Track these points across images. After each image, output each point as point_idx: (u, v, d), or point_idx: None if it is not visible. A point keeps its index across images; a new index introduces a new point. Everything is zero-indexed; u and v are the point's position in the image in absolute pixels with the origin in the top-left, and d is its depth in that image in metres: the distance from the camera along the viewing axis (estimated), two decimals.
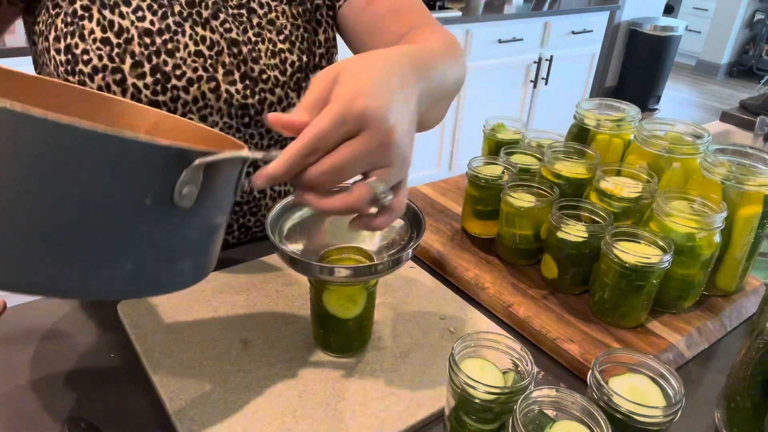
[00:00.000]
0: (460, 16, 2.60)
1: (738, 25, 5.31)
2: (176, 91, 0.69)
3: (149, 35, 0.67)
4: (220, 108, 0.71)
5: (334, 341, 0.63)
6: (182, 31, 0.68)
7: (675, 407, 0.48)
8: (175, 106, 0.69)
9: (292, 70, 0.74)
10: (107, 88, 0.67)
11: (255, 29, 0.72)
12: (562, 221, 0.71)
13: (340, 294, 0.59)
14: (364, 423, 0.56)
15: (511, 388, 0.49)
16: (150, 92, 0.67)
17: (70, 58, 0.66)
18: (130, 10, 0.66)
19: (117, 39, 0.66)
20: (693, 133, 0.79)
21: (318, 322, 0.63)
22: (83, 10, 0.65)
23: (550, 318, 0.70)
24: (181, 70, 0.68)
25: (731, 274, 0.74)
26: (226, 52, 0.70)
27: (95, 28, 0.65)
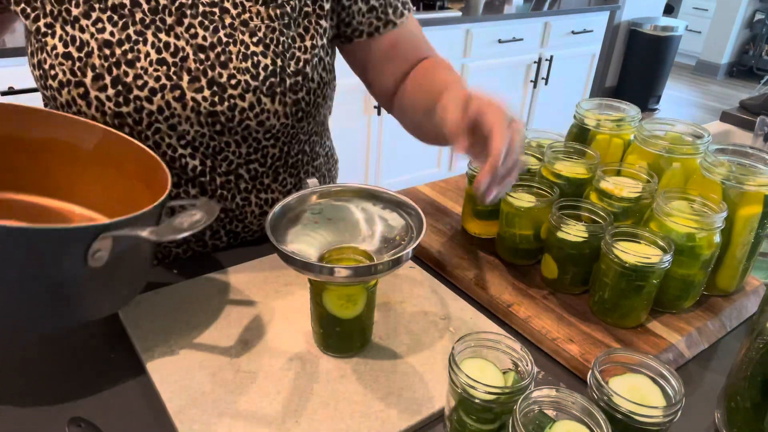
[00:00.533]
0: (460, 16, 2.60)
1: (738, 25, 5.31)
2: (139, 101, 0.67)
3: (109, 47, 0.66)
4: (188, 116, 0.69)
5: (334, 341, 0.63)
6: (143, 39, 0.67)
7: (675, 407, 0.48)
8: (140, 117, 0.68)
9: (265, 74, 0.71)
10: (74, 102, 0.67)
11: (226, 29, 0.70)
12: (562, 221, 0.71)
13: (340, 294, 0.59)
14: (364, 423, 0.56)
15: (511, 388, 0.49)
16: (113, 104, 0.67)
17: (41, 74, 0.68)
18: (90, 23, 0.66)
19: (78, 53, 0.66)
20: (693, 133, 0.79)
21: (318, 322, 0.63)
22: (46, 27, 0.67)
23: (550, 318, 0.70)
24: (142, 80, 0.67)
25: (731, 274, 0.74)
26: (191, 59, 0.68)
27: (57, 43, 0.66)
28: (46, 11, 0.66)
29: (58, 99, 0.68)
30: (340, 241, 0.63)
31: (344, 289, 0.59)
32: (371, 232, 0.64)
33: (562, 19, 3.06)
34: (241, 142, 0.75)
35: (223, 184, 0.77)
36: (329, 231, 0.64)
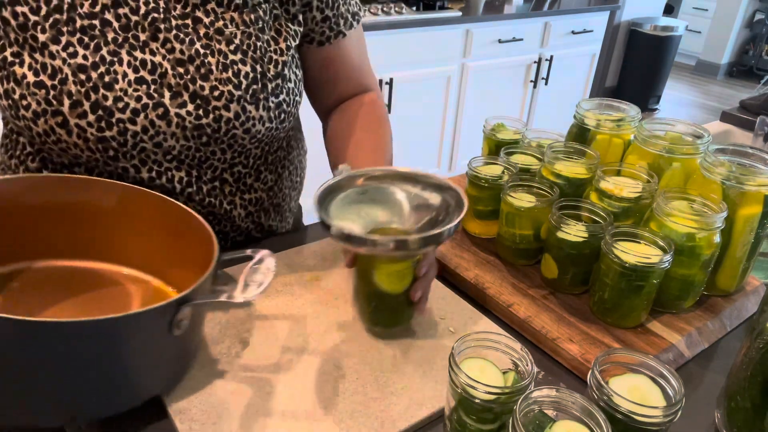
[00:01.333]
0: (460, 16, 2.60)
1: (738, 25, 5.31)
2: (122, 124, 0.65)
3: (83, 71, 0.63)
4: (173, 132, 0.68)
5: (385, 316, 0.66)
6: (119, 59, 0.64)
7: (675, 407, 0.48)
8: (125, 139, 0.66)
9: (247, 83, 0.70)
10: (52, 132, 0.64)
11: (203, 41, 0.68)
12: (562, 221, 0.71)
13: (390, 270, 0.62)
14: (364, 423, 0.56)
15: (511, 388, 0.49)
16: (95, 129, 0.64)
17: (11, 104, 0.64)
18: (60, 48, 0.62)
19: (51, 81, 0.63)
20: (693, 133, 0.79)
21: (367, 300, 0.65)
22: (13, 56, 0.63)
23: (550, 318, 0.70)
24: (123, 102, 0.64)
25: (731, 274, 0.74)
26: (170, 74, 0.66)
27: (27, 72, 0.63)
28: (11, 40, 0.62)
29: (34, 129, 0.65)
30: (384, 222, 0.65)
31: (394, 265, 0.61)
32: (413, 212, 0.66)
33: (562, 19, 3.06)
34: (226, 149, 0.74)
35: (209, 192, 0.76)
36: (373, 211, 0.66)
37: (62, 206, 0.66)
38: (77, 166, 0.70)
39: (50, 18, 0.62)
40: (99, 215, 0.67)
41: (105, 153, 0.67)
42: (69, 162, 0.70)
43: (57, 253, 0.68)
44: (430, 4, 2.57)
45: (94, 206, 0.67)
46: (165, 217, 0.66)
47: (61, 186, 0.65)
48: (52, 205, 0.65)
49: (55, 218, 0.66)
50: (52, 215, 0.66)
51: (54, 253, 0.68)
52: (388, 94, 2.48)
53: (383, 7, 2.42)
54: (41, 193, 0.64)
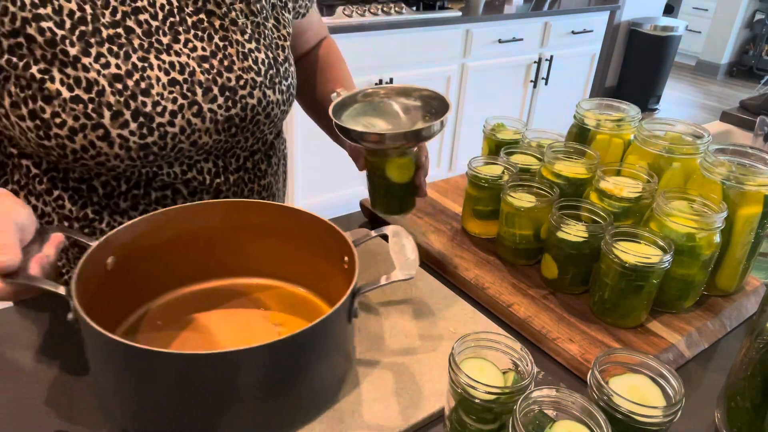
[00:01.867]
0: (460, 16, 2.60)
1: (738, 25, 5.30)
2: (162, 128, 0.65)
3: (119, 80, 0.62)
4: (207, 128, 0.69)
5: (395, 204, 0.80)
6: (149, 65, 0.64)
7: (675, 407, 0.48)
8: (165, 142, 0.66)
9: (265, 69, 0.73)
10: (92, 146, 0.63)
11: (220, 33, 0.70)
12: (562, 221, 0.71)
13: (398, 164, 0.75)
14: (364, 423, 0.56)
15: (511, 388, 0.49)
16: (137, 137, 0.64)
17: (39, 124, 0.62)
18: (92, 60, 0.61)
19: (88, 94, 0.61)
20: (693, 133, 0.79)
21: (384, 193, 0.79)
22: (41, 73, 0.60)
23: (550, 318, 0.70)
24: (161, 106, 0.65)
25: (731, 274, 0.74)
26: (198, 71, 0.68)
27: (60, 88, 0.61)
28: (36, 57, 0.60)
29: (69, 146, 0.63)
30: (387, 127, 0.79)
31: (399, 159, 0.75)
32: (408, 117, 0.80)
33: (562, 19, 3.06)
34: (249, 137, 0.76)
35: (235, 181, 0.78)
36: (377, 120, 0.80)
37: (173, 237, 0.67)
38: (96, 178, 0.69)
39: (76, 31, 0.61)
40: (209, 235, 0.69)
41: (145, 159, 0.66)
42: (88, 176, 0.69)
43: (183, 280, 0.70)
44: (430, 4, 2.57)
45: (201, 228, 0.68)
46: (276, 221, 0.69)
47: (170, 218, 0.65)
48: (166, 239, 0.66)
49: (172, 249, 0.67)
50: (168, 248, 0.67)
51: (179, 282, 0.70)
52: None
53: (383, 7, 2.42)
54: (157, 230, 0.65)
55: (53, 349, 0.63)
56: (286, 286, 0.72)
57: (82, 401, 0.57)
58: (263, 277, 0.73)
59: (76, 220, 0.71)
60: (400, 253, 0.61)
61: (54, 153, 0.64)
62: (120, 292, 0.62)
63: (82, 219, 0.71)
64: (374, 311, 0.71)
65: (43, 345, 0.64)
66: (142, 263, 0.64)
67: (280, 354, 0.50)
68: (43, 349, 0.63)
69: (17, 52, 0.60)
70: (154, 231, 0.63)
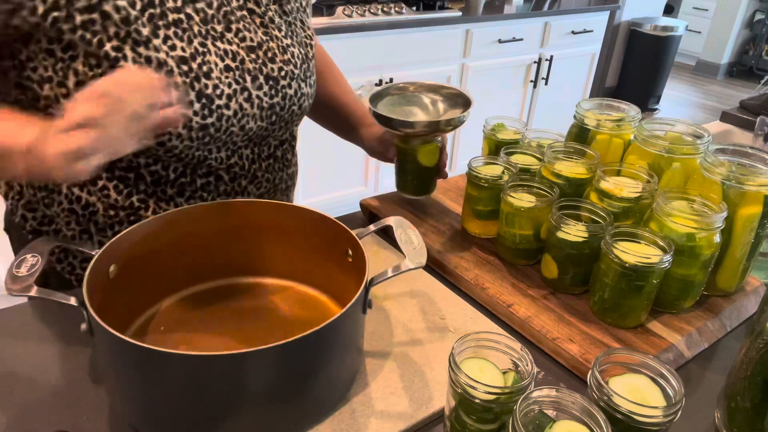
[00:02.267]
0: (460, 16, 2.60)
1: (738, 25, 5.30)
2: (220, 110, 0.68)
3: (185, 62, 0.65)
4: (254, 114, 0.72)
5: (424, 186, 0.94)
6: (208, 50, 0.68)
7: (675, 407, 0.48)
8: (221, 124, 0.69)
9: (300, 62, 0.78)
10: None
11: (261, 29, 0.74)
12: (562, 221, 0.71)
13: (428, 150, 0.89)
14: (364, 423, 0.56)
15: (511, 388, 0.49)
16: (200, 118, 0.67)
17: None
18: (160, 42, 0.64)
19: (158, 73, 0.63)
20: (693, 133, 0.78)
21: (416, 175, 0.92)
22: (115, 51, 0.62)
23: (550, 318, 0.70)
24: (219, 89, 0.68)
25: (731, 274, 0.74)
26: (247, 60, 0.71)
27: (132, 66, 0.62)
28: (110, 34, 0.61)
29: None
30: (424, 117, 0.92)
31: (429, 146, 0.88)
32: (437, 110, 0.93)
33: (562, 19, 3.06)
34: (283, 126, 0.79)
35: (267, 168, 0.80)
36: (410, 109, 0.93)
37: (173, 241, 0.67)
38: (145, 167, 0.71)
39: (146, 12, 0.63)
40: (208, 237, 0.69)
41: (201, 140, 0.69)
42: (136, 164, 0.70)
43: (186, 283, 0.71)
44: (430, 4, 2.57)
45: (200, 230, 0.68)
46: (275, 219, 0.69)
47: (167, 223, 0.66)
48: (166, 244, 0.66)
49: (172, 253, 0.67)
50: (169, 252, 0.67)
51: (183, 284, 0.70)
52: None
53: (383, 7, 2.42)
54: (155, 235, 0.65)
55: (53, 349, 0.63)
56: (289, 283, 0.73)
57: (83, 401, 0.57)
58: (265, 276, 0.73)
59: (122, 209, 0.72)
60: (407, 243, 0.62)
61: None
62: (125, 298, 0.62)
63: (128, 207, 0.73)
64: (374, 311, 0.71)
65: (43, 345, 0.64)
66: (143, 269, 0.64)
67: (299, 352, 0.50)
68: (44, 349, 0.63)
69: (90, 28, 0.61)
70: (152, 237, 0.64)
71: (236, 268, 0.72)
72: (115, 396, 0.55)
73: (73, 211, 0.73)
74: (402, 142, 0.89)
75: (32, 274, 0.53)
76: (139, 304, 0.66)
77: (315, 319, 0.66)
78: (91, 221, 0.73)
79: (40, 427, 0.54)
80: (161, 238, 0.65)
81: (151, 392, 0.51)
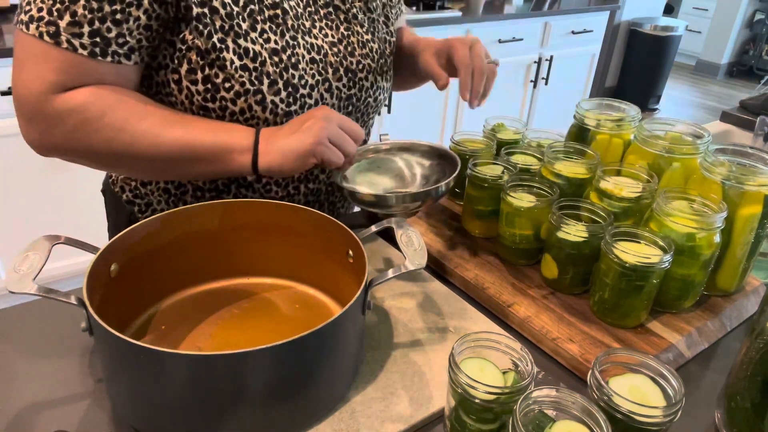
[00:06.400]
0: (460, 16, 2.60)
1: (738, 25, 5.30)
2: (303, 99, 0.75)
3: (276, 54, 0.71)
4: (333, 104, 0.79)
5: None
6: (297, 43, 0.74)
7: (675, 407, 0.48)
8: (303, 112, 0.74)
9: (378, 57, 0.84)
10: (249, 110, 0.71)
11: (344, 24, 0.80)
12: (562, 221, 0.71)
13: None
14: (364, 423, 0.56)
15: (511, 388, 0.49)
16: (285, 105, 0.73)
17: (209, 87, 0.70)
18: (257, 35, 0.70)
19: (253, 63, 0.70)
20: (693, 133, 0.79)
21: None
22: (220, 42, 0.68)
23: (550, 318, 0.70)
24: (304, 80, 0.74)
25: (731, 274, 0.74)
26: (329, 53, 0.78)
27: (233, 57, 0.69)
28: (216, 27, 0.68)
29: (229, 108, 0.71)
30: (390, 186, 0.84)
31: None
32: (413, 176, 0.86)
33: (562, 19, 3.06)
34: (359, 118, 0.86)
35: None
36: (381, 177, 0.85)
37: (173, 241, 0.67)
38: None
39: (247, 8, 0.70)
40: (209, 237, 0.69)
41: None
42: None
43: (187, 282, 0.71)
44: (430, 4, 2.57)
45: (200, 230, 0.68)
46: (275, 219, 0.69)
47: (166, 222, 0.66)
48: (166, 243, 0.66)
49: (173, 252, 0.67)
50: (169, 252, 0.67)
51: (183, 284, 0.70)
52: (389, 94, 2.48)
53: None
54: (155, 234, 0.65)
55: (54, 349, 0.63)
56: (289, 283, 0.73)
57: (83, 401, 0.57)
58: (265, 276, 0.73)
59: (208, 191, 0.80)
60: (408, 245, 0.62)
61: (212, 115, 0.72)
62: (126, 297, 0.62)
63: (213, 190, 0.80)
64: (374, 311, 0.71)
65: (43, 345, 0.64)
66: (144, 268, 0.64)
67: (298, 352, 0.50)
68: (44, 349, 0.63)
69: (203, 21, 0.67)
70: (152, 236, 0.64)
71: (236, 267, 0.72)
72: (115, 396, 0.55)
73: (167, 191, 0.81)
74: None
75: (33, 272, 0.53)
76: (140, 304, 0.66)
77: (315, 319, 0.66)
78: (181, 200, 0.81)
79: (40, 427, 0.54)
80: (162, 237, 0.65)
81: (151, 392, 0.51)
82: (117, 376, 0.53)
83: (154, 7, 0.65)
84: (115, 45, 0.64)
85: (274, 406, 0.52)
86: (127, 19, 0.63)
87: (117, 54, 0.65)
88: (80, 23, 0.62)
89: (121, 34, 0.64)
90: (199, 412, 0.50)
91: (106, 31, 0.63)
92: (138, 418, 0.54)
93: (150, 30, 0.66)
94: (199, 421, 0.51)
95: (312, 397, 0.54)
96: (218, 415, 0.50)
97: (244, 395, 0.50)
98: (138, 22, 0.64)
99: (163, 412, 0.52)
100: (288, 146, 0.68)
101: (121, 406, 0.55)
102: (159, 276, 0.67)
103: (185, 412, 0.51)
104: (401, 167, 0.86)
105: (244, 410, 0.51)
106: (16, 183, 1.79)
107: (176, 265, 0.68)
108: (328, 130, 0.69)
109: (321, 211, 0.88)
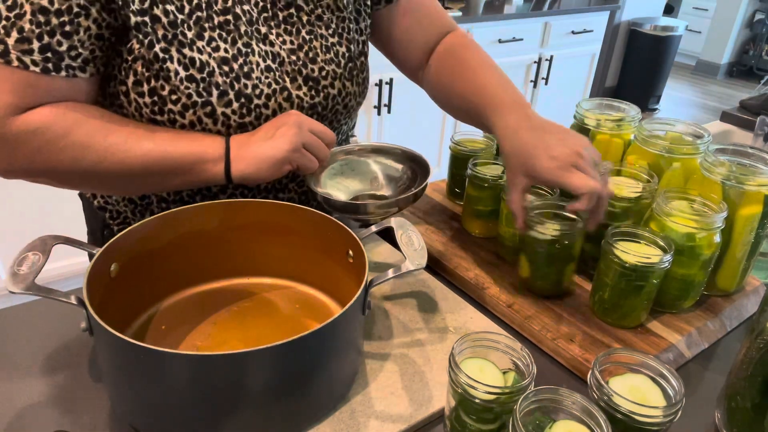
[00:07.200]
0: (460, 16, 2.60)
1: (738, 25, 5.30)
2: (258, 109, 0.71)
3: (226, 63, 0.68)
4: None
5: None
6: (251, 51, 0.70)
7: (675, 407, 0.48)
8: (259, 123, 0.71)
9: (345, 61, 0.78)
10: (199, 122, 0.68)
11: (306, 27, 0.75)
12: (535, 220, 0.70)
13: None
14: (364, 423, 0.56)
15: (511, 388, 0.49)
16: (238, 117, 0.70)
17: (156, 100, 0.67)
18: (204, 44, 0.67)
19: (200, 74, 0.67)
20: (693, 133, 0.79)
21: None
22: (163, 52, 0.65)
23: (550, 318, 0.70)
24: (259, 89, 0.70)
25: (731, 274, 0.74)
26: (287, 61, 0.74)
27: (178, 68, 0.66)
28: (158, 36, 0.65)
29: (179, 122, 0.68)
30: (362, 189, 0.83)
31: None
32: (386, 180, 0.84)
33: (562, 19, 3.06)
34: (328, 126, 0.80)
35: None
36: (352, 181, 0.84)
37: (173, 241, 0.67)
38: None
39: (193, 15, 0.66)
40: (209, 237, 0.69)
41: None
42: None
43: (187, 282, 0.70)
44: None
45: (200, 230, 0.68)
46: (275, 219, 0.69)
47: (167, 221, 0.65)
48: (166, 243, 0.66)
49: (173, 252, 0.67)
50: (169, 252, 0.67)
51: (184, 284, 0.70)
52: (388, 94, 2.48)
53: None
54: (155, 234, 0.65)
55: (53, 349, 0.63)
56: (289, 283, 0.73)
57: (83, 401, 0.57)
58: (265, 276, 0.73)
59: (173, 202, 0.78)
60: (408, 245, 0.62)
61: (172, 123, 0.69)
62: (126, 297, 0.62)
63: (179, 201, 0.78)
64: (374, 311, 0.71)
65: (43, 344, 0.64)
66: (144, 268, 0.64)
67: (298, 352, 0.50)
68: (44, 349, 0.63)
69: (143, 30, 0.64)
70: (152, 236, 0.64)
71: (236, 267, 0.72)
72: (115, 396, 0.55)
73: (132, 201, 0.79)
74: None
75: (33, 272, 0.53)
76: (140, 304, 0.66)
77: (315, 319, 0.66)
78: (148, 210, 0.79)
79: (40, 427, 0.54)
80: (162, 237, 0.65)
81: (151, 392, 0.51)
82: (117, 376, 0.53)
83: (102, 16, 0.62)
84: (68, 58, 0.62)
85: (274, 406, 0.52)
86: (77, 30, 0.61)
87: (71, 68, 0.62)
88: (29, 39, 0.59)
89: (73, 46, 0.61)
90: (199, 412, 0.50)
91: (57, 44, 0.60)
92: (138, 418, 0.54)
93: (102, 39, 0.64)
94: (199, 421, 0.51)
95: (312, 397, 0.54)
96: (218, 415, 0.50)
97: (244, 395, 0.50)
98: (89, 32, 0.62)
99: (163, 413, 0.52)
100: (263, 153, 0.67)
101: (121, 406, 0.55)
102: (159, 276, 0.67)
103: (185, 412, 0.51)
104: (374, 170, 0.85)
105: (244, 410, 0.50)
106: (16, 183, 1.79)
107: (176, 265, 0.68)
108: (302, 135, 0.68)
109: None
